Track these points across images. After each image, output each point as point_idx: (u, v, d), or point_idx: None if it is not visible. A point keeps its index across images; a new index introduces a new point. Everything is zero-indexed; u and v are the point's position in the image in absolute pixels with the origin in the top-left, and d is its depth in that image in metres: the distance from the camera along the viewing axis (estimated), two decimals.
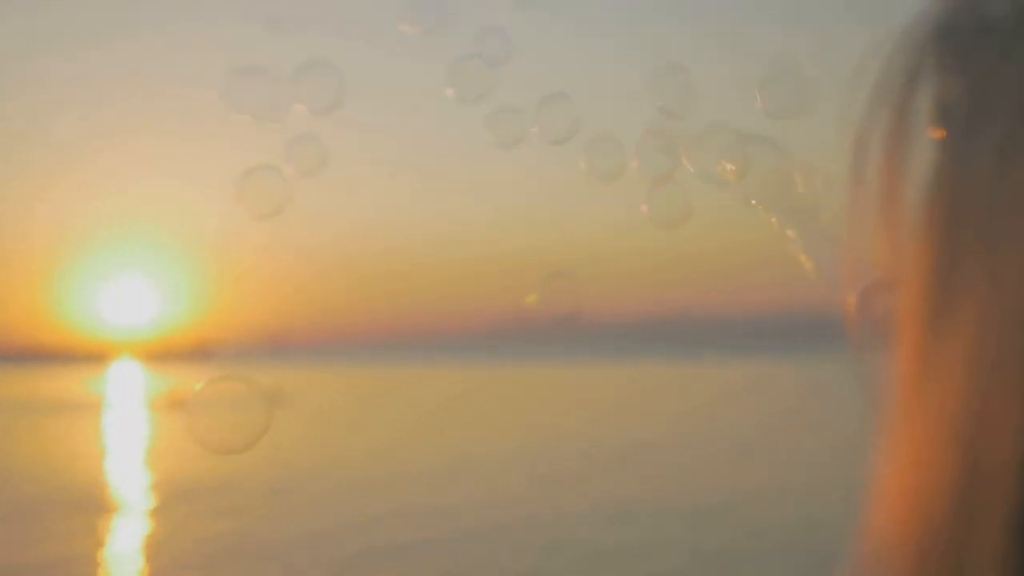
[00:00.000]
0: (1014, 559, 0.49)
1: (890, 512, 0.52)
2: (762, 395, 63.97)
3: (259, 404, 1.38)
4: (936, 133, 0.53)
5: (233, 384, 1.36)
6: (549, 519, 17.83)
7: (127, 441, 37.20)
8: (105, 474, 26.12)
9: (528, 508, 19.10)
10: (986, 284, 0.49)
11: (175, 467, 26.90)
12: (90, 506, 20.19)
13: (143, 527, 18.00)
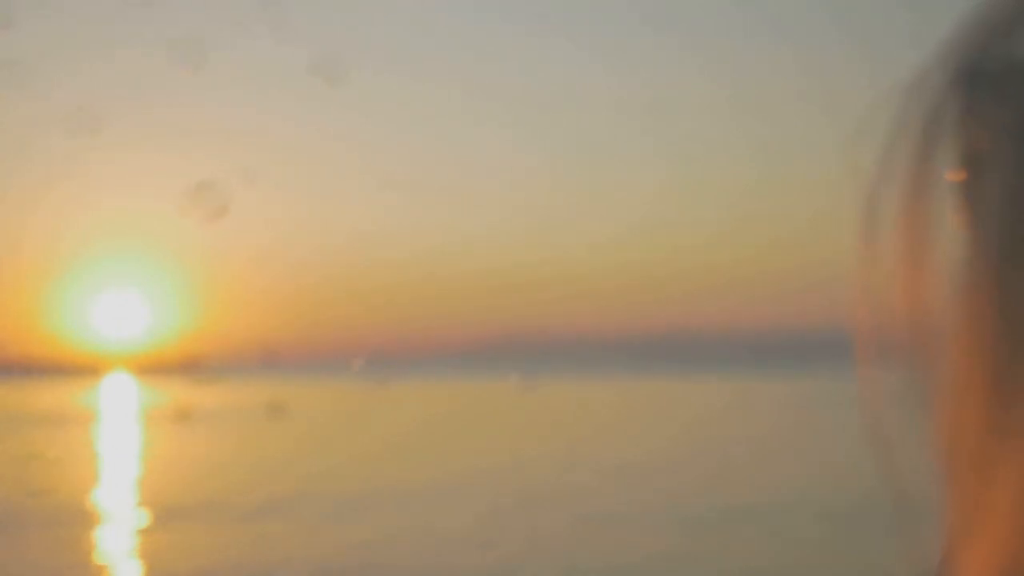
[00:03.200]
0: None
1: None
2: (749, 411, 63.95)
3: None
4: (967, 186, 0.47)
5: None
6: (544, 536, 17.78)
7: (120, 454, 37.06)
8: (98, 488, 26.01)
9: (524, 524, 19.03)
10: None
11: (168, 481, 26.80)
12: (82, 520, 20.08)
13: (134, 542, 17.91)
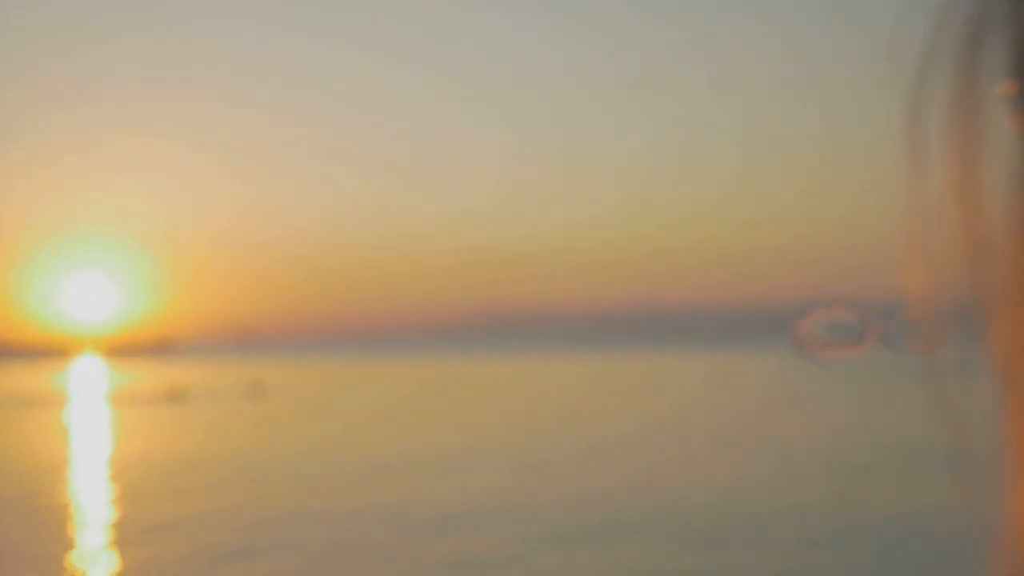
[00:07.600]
0: None
1: None
2: (722, 385, 64.28)
3: None
4: (1018, 96, 0.42)
5: None
6: (523, 511, 17.79)
7: (90, 437, 36.88)
8: (67, 471, 25.87)
9: (505, 498, 19.05)
10: None
11: (137, 463, 26.70)
12: (51, 503, 19.98)
13: (103, 523, 17.82)
